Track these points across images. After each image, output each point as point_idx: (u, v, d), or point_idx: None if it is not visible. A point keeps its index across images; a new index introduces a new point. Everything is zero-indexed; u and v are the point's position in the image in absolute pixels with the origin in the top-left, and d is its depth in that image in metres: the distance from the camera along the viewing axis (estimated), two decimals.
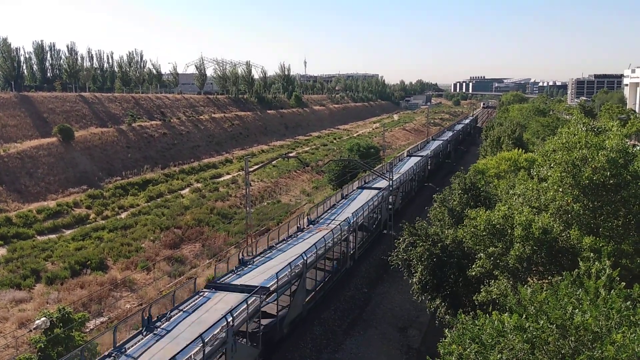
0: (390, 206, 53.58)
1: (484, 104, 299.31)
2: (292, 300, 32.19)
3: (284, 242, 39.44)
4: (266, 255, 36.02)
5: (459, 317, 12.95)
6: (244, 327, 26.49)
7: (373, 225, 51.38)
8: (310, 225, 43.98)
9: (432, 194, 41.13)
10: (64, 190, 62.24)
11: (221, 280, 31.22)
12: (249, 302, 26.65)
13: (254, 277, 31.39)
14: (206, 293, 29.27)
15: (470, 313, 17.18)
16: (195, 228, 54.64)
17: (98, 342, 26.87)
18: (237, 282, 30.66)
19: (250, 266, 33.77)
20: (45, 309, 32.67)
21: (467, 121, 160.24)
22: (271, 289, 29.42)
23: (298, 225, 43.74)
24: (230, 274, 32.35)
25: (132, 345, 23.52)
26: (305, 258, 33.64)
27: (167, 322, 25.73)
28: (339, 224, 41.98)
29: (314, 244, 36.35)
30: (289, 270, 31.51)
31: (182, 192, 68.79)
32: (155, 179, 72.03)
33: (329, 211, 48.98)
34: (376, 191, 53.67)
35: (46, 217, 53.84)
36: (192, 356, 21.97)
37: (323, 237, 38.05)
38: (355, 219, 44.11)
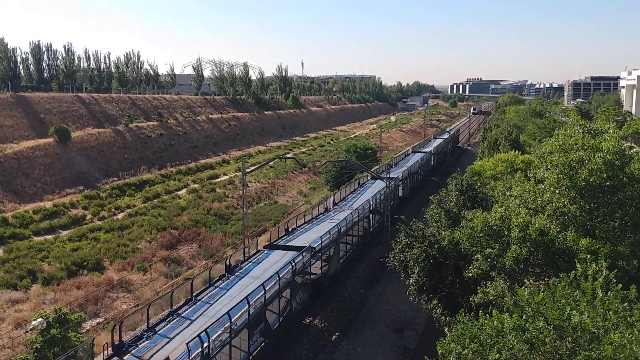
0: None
1: (474, 109, 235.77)
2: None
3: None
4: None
5: (458, 316, 13.01)
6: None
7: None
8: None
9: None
10: (61, 190, 62.12)
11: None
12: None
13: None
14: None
15: (468, 314, 17.22)
16: (192, 229, 54.56)
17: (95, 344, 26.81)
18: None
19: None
20: (41, 310, 32.59)
21: (425, 152, 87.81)
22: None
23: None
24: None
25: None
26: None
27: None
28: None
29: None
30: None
31: (179, 192, 68.72)
32: (152, 180, 71.95)
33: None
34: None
35: (42, 217, 53.70)
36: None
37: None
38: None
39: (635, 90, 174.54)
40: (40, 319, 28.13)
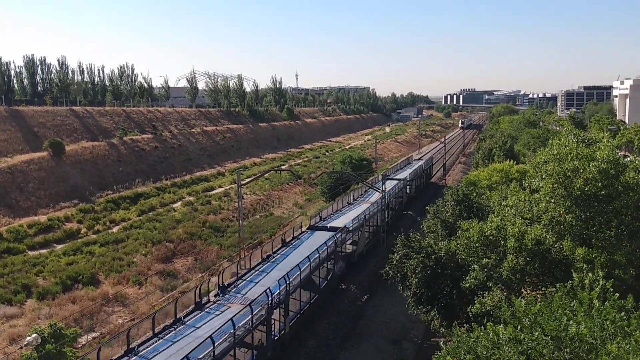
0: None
1: (462, 123, 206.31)
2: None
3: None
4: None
5: (453, 329, 12.96)
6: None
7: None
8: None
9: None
10: (55, 204, 61.84)
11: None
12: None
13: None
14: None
15: (465, 325, 17.14)
16: (187, 242, 54.37)
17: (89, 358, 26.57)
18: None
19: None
20: (36, 325, 32.33)
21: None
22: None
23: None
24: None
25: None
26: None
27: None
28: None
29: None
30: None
31: (174, 205, 68.50)
32: (147, 193, 71.72)
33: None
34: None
35: (37, 231, 53.43)
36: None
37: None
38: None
39: (628, 99, 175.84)
40: (35, 335, 27.89)
